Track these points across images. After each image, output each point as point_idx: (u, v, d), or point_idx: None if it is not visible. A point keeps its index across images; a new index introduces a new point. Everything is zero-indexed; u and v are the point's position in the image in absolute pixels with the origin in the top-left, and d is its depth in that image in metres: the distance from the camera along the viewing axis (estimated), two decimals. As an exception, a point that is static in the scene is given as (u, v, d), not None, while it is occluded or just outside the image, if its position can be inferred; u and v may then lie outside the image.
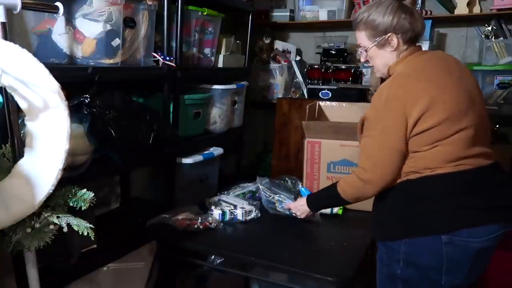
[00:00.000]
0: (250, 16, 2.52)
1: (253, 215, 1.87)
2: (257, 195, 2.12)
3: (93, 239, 1.20)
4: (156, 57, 1.80)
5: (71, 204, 1.19)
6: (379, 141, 1.31)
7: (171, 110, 1.94)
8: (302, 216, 1.72)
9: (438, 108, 1.24)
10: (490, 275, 1.96)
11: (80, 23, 1.52)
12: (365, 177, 1.35)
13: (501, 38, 2.32)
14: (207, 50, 2.18)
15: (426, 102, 1.24)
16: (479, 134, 1.28)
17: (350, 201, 1.45)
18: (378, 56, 1.42)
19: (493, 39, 2.34)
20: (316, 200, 1.67)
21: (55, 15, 1.39)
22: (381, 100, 1.30)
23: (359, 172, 1.37)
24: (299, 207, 1.72)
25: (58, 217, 1.14)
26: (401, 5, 1.36)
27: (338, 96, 2.55)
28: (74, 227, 1.14)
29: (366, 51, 1.43)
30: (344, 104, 2.33)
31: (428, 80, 1.29)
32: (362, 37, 1.43)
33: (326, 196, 1.59)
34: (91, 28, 1.52)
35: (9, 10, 1.11)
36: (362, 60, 1.48)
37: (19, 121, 1.19)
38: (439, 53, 1.51)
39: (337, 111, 2.31)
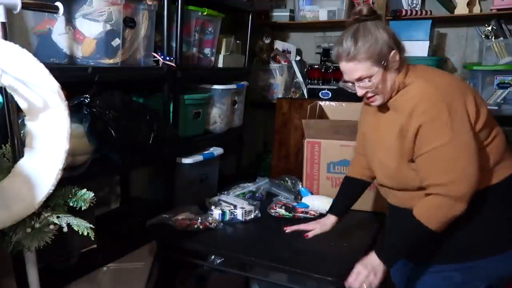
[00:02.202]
0: (250, 16, 2.51)
1: (253, 215, 1.87)
2: (257, 195, 2.12)
3: (93, 239, 1.20)
4: (156, 57, 1.80)
5: (71, 204, 1.19)
6: (456, 148, 1.18)
7: (171, 110, 1.94)
8: (379, 279, 1.28)
9: (479, 101, 1.27)
10: None
11: (80, 23, 1.52)
12: (454, 193, 1.19)
13: (501, 38, 2.32)
14: (207, 50, 2.18)
15: (473, 96, 1.25)
16: None
17: (436, 230, 1.22)
18: (385, 80, 1.28)
19: (493, 39, 2.34)
20: (392, 249, 1.30)
21: (55, 15, 1.39)
22: (436, 107, 1.19)
23: (443, 189, 1.20)
24: (370, 269, 1.28)
25: (58, 217, 1.14)
26: (381, 21, 1.33)
27: (338, 96, 2.55)
28: (74, 227, 1.14)
29: (370, 80, 1.28)
30: (344, 104, 2.33)
31: (456, 79, 1.33)
32: (364, 68, 1.27)
33: (404, 236, 1.29)
34: (91, 28, 1.52)
35: (9, 10, 1.11)
36: (362, 93, 1.31)
37: (19, 121, 1.19)
38: None
39: (337, 111, 2.31)
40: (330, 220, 1.63)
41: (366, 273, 1.28)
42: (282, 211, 1.91)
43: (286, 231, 1.65)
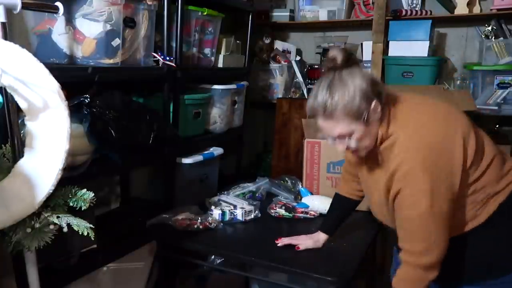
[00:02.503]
0: (250, 16, 2.51)
1: (253, 215, 1.87)
2: (257, 195, 2.12)
3: (93, 239, 1.20)
4: (156, 57, 1.80)
5: (71, 204, 1.19)
6: (431, 219, 1.16)
7: (171, 110, 1.94)
8: None
9: (471, 137, 1.20)
10: None
11: (80, 23, 1.52)
12: (426, 263, 1.18)
13: (501, 38, 2.32)
14: (207, 50, 2.18)
15: (463, 136, 1.17)
16: None
17: None
18: (367, 135, 1.20)
19: (493, 39, 2.34)
20: None
21: (55, 15, 1.39)
22: (417, 174, 1.15)
23: (415, 260, 1.19)
24: None
25: (58, 217, 1.14)
26: (358, 68, 1.19)
27: (338, 96, 2.55)
28: (74, 227, 1.14)
29: (350, 137, 1.21)
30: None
31: (447, 115, 1.23)
32: (342, 126, 1.18)
33: None
34: (91, 28, 1.52)
35: (9, 10, 1.11)
36: (343, 148, 1.25)
37: (19, 121, 1.19)
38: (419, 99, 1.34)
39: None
40: (322, 237, 1.63)
41: None
42: (282, 211, 1.91)
43: (279, 244, 1.63)
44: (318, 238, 1.62)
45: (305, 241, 1.61)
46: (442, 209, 1.15)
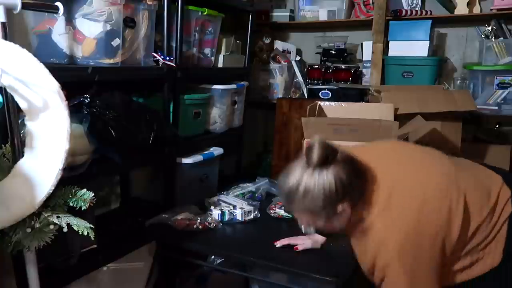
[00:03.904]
0: (250, 16, 2.51)
1: (252, 215, 1.87)
2: (256, 195, 2.12)
3: (93, 239, 1.20)
4: (156, 57, 1.80)
5: (71, 204, 1.19)
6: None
7: (171, 110, 1.94)
8: None
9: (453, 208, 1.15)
10: None
11: (80, 23, 1.52)
12: None
13: (501, 38, 2.32)
14: (207, 50, 2.18)
15: (448, 207, 1.13)
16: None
17: None
18: (335, 224, 1.19)
19: (493, 39, 2.34)
20: None
21: (55, 15, 1.39)
22: (394, 268, 1.13)
23: None
24: None
25: (58, 217, 1.14)
26: (335, 168, 1.11)
27: (338, 96, 2.55)
28: (74, 227, 1.14)
29: (314, 224, 1.23)
30: (343, 104, 2.33)
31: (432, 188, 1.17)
32: (306, 220, 1.21)
33: None
34: (91, 28, 1.52)
35: (9, 10, 1.11)
36: (305, 228, 1.28)
37: (19, 121, 1.19)
38: (389, 147, 1.34)
39: (337, 111, 2.30)
40: (321, 238, 1.62)
41: None
42: (281, 212, 1.90)
43: (277, 245, 1.62)
44: (317, 239, 1.62)
45: (304, 241, 1.61)
46: (433, 274, 1.14)
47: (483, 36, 2.40)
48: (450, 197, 1.15)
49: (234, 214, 1.85)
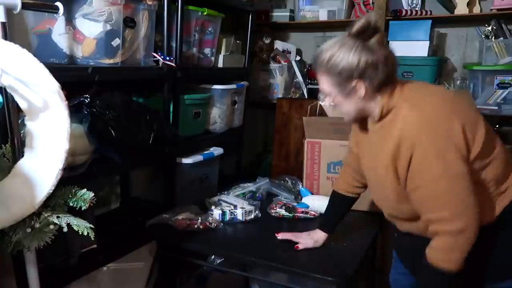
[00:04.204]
0: (250, 16, 2.51)
1: (253, 215, 1.87)
2: (257, 195, 2.12)
3: (93, 239, 1.20)
4: (156, 57, 1.80)
5: (71, 204, 1.19)
6: (450, 180, 1.12)
7: (171, 110, 1.94)
8: None
9: (476, 124, 1.18)
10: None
11: (80, 23, 1.52)
12: (460, 227, 1.12)
13: (501, 38, 2.32)
14: (207, 50, 2.18)
15: (464, 121, 1.15)
16: None
17: (461, 267, 1.14)
18: (343, 105, 1.25)
19: (493, 39, 2.34)
20: None
21: (55, 15, 1.39)
22: (423, 137, 1.13)
23: (447, 226, 1.13)
24: None
25: (58, 217, 1.14)
26: (366, 46, 1.16)
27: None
28: (74, 227, 1.14)
29: (329, 96, 1.25)
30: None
31: (453, 101, 1.21)
32: (324, 82, 1.24)
33: (429, 285, 1.21)
34: (91, 28, 1.52)
35: (9, 10, 1.11)
36: (325, 104, 1.33)
37: (19, 121, 1.19)
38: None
39: (337, 111, 2.31)
40: (322, 236, 1.63)
41: None
42: (282, 211, 1.91)
43: (278, 237, 1.63)
44: (318, 238, 1.62)
45: (305, 240, 1.61)
46: (459, 169, 1.12)
47: (483, 36, 2.40)
48: (467, 119, 1.16)
49: (235, 214, 1.85)
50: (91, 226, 1.16)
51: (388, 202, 1.33)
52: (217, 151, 2.24)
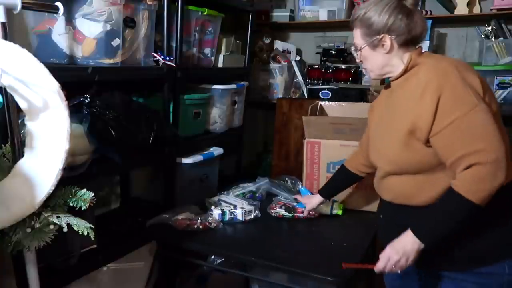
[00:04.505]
0: (250, 16, 2.51)
1: (253, 215, 1.87)
2: (257, 195, 2.12)
3: (93, 239, 1.20)
4: (156, 57, 1.80)
5: (71, 204, 1.19)
6: (481, 114, 1.13)
7: (171, 110, 1.94)
8: (405, 266, 1.23)
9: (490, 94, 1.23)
10: None
11: (80, 23, 1.52)
12: (493, 158, 1.09)
13: (501, 38, 2.32)
14: (207, 50, 2.18)
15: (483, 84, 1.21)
16: None
17: (482, 204, 1.12)
18: (370, 58, 1.35)
19: (493, 39, 2.34)
20: (429, 226, 1.21)
21: (55, 15, 1.39)
22: (451, 79, 1.17)
23: (482, 157, 1.10)
24: (403, 250, 1.22)
25: (58, 217, 1.14)
26: (400, 5, 1.27)
27: (338, 96, 2.55)
28: (74, 227, 1.14)
29: (359, 50, 1.36)
30: (344, 104, 2.33)
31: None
32: (357, 35, 1.36)
33: (446, 212, 1.18)
34: (91, 28, 1.52)
35: (9, 10, 1.11)
36: (358, 60, 1.41)
37: (19, 121, 1.19)
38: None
39: (338, 111, 2.31)
40: (317, 200, 1.81)
41: (397, 258, 1.23)
42: (282, 211, 1.90)
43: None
44: (312, 201, 1.81)
45: (301, 199, 1.86)
46: (485, 105, 1.15)
47: (483, 36, 2.40)
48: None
49: (235, 213, 1.85)
50: (91, 226, 1.16)
51: (390, 155, 1.31)
52: (217, 151, 2.24)
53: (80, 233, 1.13)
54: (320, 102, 2.35)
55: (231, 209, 1.86)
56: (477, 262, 1.23)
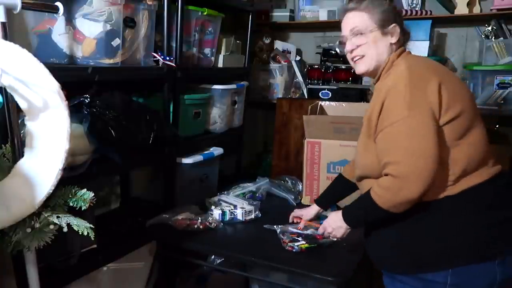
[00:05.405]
0: (250, 16, 2.51)
1: (253, 215, 1.87)
2: (257, 195, 2.12)
3: (93, 239, 1.20)
4: (156, 57, 1.80)
5: (71, 204, 1.19)
6: (410, 126, 1.13)
7: (171, 110, 1.94)
8: (340, 236, 1.44)
9: (457, 98, 1.18)
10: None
11: (80, 23, 1.52)
12: (402, 173, 1.13)
13: (501, 38, 2.32)
14: (207, 50, 2.18)
15: (448, 86, 1.19)
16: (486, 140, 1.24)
17: (390, 210, 1.18)
18: (374, 43, 1.30)
19: (493, 39, 2.34)
20: (351, 212, 1.38)
21: (55, 15, 1.39)
22: (401, 85, 1.17)
23: (391, 169, 1.15)
24: (334, 225, 1.43)
25: (58, 217, 1.14)
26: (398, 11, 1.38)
27: (338, 96, 2.55)
28: (74, 227, 1.14)
29: (361, 34, 1.31)
30: (344, 104, 2.33)
31: (443, 73, 1.25)
32: (360, 19, 1.31)
33: (362, 206, 1.31)
34: (91, 28, 1.52)
35: (9, 10, 1.11)
36: (350, 48, 1.34)
37: (19, 121, 1.19)
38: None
39: (338, 111, 2.31)
40: (314, 210, 1.77)
41: (330, 231, 1.46)
42: (304, 244, 1.60)
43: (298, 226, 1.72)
44: (310, 212, 1.77)
45: (300, 213, 1.80)
46: (424, 119, 1.13)
47: (483, 36, 2.40)
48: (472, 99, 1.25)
49: (235, 213, 1.85)
50: (91, 226, 1.16)
51: (358, 157, 1.37)
52: (217, 151, 2.24)
53: (80, 233, 1.14)
54: (320, 102, 2.35)
55: (231, 209, 1.86)
56: (419, 266, 1.20)
